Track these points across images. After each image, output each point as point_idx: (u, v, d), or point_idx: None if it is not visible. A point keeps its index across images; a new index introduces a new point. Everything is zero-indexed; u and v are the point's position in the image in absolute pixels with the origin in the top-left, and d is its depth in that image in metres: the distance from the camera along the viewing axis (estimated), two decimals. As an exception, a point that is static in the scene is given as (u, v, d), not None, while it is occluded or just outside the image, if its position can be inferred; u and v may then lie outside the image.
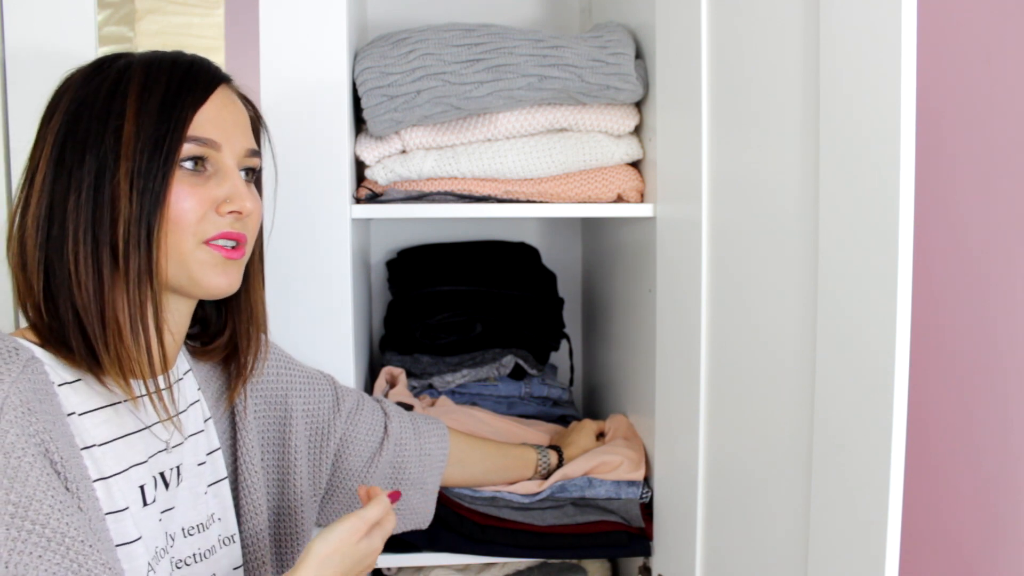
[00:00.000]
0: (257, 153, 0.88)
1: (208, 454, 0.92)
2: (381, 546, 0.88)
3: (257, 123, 0.93)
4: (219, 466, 0.94)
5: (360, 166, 1.28)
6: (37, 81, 0.84)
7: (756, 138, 0.90)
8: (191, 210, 0.80)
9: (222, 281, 0.83)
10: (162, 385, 0.83)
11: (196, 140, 0.80)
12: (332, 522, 0.84)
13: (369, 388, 1.42)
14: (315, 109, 1.15)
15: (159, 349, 0.80)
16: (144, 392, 0.81)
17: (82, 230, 0.77)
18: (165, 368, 0.81)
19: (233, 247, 0.84)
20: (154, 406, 0.81)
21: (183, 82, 0.81)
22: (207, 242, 0.82)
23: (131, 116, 0.78)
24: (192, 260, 0.81)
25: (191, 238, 0.80)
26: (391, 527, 0.89)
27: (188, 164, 0.80)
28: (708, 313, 1.02)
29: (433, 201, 1.24)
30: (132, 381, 0.79)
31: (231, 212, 0.82)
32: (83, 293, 0.76)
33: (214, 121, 0.82)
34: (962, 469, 1.11)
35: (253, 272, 0.93)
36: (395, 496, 0.92)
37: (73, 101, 0.80)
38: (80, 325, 0.77)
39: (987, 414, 1.07)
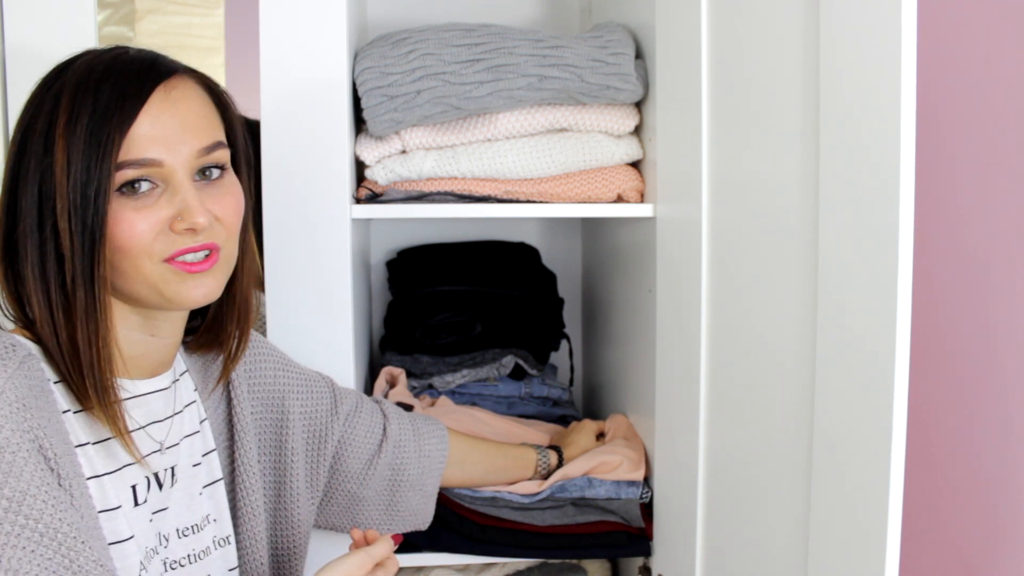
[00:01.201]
0: (219, 144, 0.82)
1: (204, 455, 0.92)
2: None
3: (221, 99, 0.86)
4: (215, 467, 0.94)
5: (360, 166, 1.28)
6: (37, 81, 0.84)
7: (756, 138, 0.90)
8: (141, 234, 0.76)
9: (196, 293, 0.80)
10: (136, 392, 0.83)
11: (131, 164, 0.75)
12: (340, 556, 0.84)
13: (369, 388, 1.42)
14: (315, 109, 1.15)
15: (110, 379, 0.78)
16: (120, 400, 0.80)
17: (32, 269, 0.76)
18: (120, 376, 0.80)
19: (204, 257, 0.80)
20: (112, 417, 0.78)
21: (110, 100, 0.75)
22: (169, 260, 0.78)
23: (60, 150, 0.74)
24: (157, 279, 0.78)
25: (148, 260, 0.77)
26: (394, 570, 0.88)
27: (129, 189, 0.76)
28: (708, 313, 1.02)
29: (433, 201, 1.24)
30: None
31: (183, 230, 0.78)
32: (43, 328, 0.76)
33: (151, 135, 0.76)
34: (962, 469, 1.11)
35: (241, 260, 0.89)
36: (398, 539, 0.91)
37: (19, 131, 0.78)
38: (48, 351, 0.77)
39: (987, 414, 1.07)
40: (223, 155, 0.83)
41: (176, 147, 0.77)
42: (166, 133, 0.77)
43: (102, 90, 0.76)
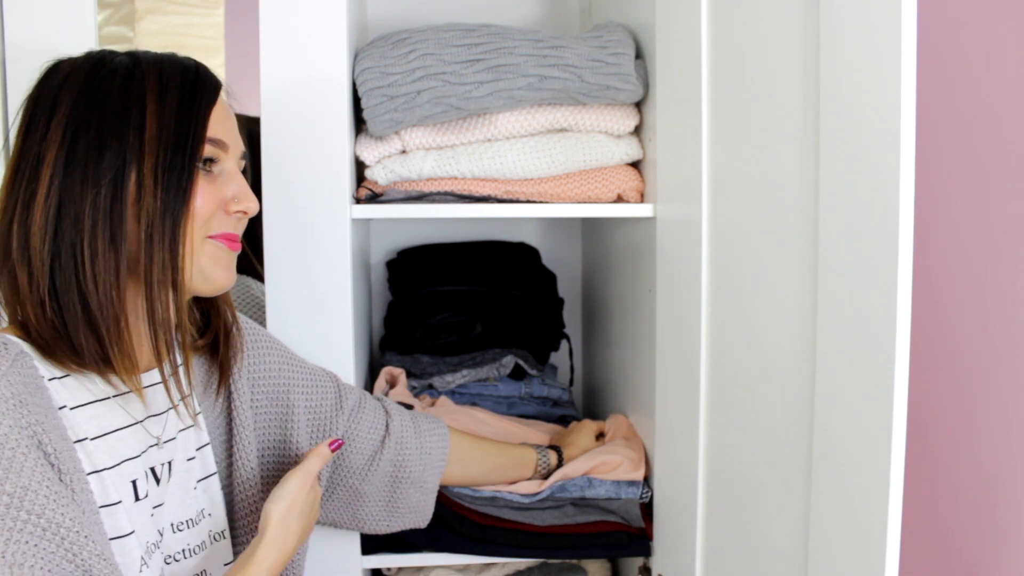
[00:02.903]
0: (245, 156, 0.91)
1: (198, 449, 0.92)
2: (320, 491, 0.97)
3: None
4: (208, 462, 0.94)
5: (360, 166, 1.28)
6: (37, 81, 0.84)
7: (756, 138, 0.90)
8: (203, 208, 0.82)
9: (227, 276, 0.86)
10: (167, 371, 0.83)
11: (211, 141, 0.83)
12: (279, 484, 0.90)
13: (369, 388, 1.42)
14: (315, 109, 1.15)
15: (176, 345, 0.83)
16: (141, 386, 0.82)
17: (100, 227, 0.77)
18: (170, 356, 0.82)
19: (231, 242, 0.87)
20: (168, 391, 0.83)
21: (195, 83, 0.83)
22: (209, 237, 0.84)
23: (152, 113, 0.79)
24: (200, 255, 0.83)
25: (200, 234, 0.82)
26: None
27: (202, 164, 0.82)
28: (708, 313, 1.02)
29: (433, 201, 1.24)
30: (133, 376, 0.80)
31: (237, 211, 0.85)
32: (99, 290, 0.76)
33: (222, 124, 0.85)
34: (962, 469, 1.11)
35: None
36: (337, 444, 0.97)
37: (81, 95, 0.79)
38: (90, 322, 0.76)
39: (987, 414, 1.07)
40: (245, 166, 0.91)
41: (234, 140, 0.87)
42: (230, 126, 0.87)
43: (187, 74, 0.83)
